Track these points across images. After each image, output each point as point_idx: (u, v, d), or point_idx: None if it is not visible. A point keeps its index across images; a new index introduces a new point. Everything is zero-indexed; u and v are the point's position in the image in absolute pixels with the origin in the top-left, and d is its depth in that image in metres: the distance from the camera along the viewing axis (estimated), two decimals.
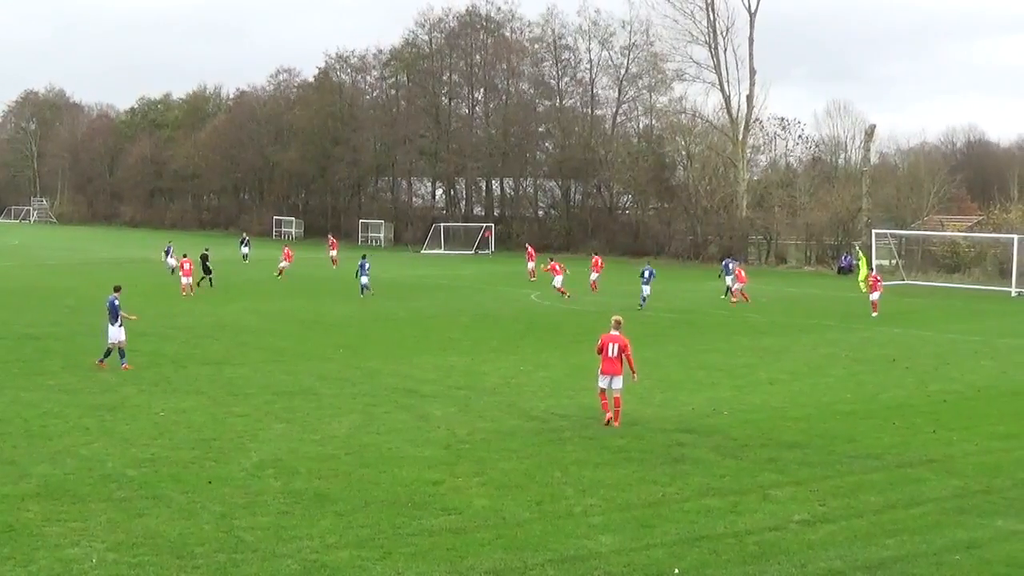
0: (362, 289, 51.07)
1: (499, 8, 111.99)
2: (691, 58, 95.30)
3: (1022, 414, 24.73)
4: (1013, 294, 58.77)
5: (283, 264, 62.57)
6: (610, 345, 22.35)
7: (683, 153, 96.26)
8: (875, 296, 46.13)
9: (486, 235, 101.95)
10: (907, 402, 26.06)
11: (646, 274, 48.84)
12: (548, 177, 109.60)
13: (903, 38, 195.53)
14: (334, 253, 75.05)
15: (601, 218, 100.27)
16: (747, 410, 24.45)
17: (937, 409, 25.08)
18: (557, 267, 53.42)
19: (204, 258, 54.82)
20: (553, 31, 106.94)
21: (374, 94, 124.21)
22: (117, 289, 29.98)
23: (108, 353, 28.77)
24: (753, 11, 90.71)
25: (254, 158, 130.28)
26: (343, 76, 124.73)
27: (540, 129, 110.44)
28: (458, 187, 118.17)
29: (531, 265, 63.85)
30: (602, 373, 22.43)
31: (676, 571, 13.76)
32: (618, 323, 22.91)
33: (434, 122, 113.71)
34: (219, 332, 36.95)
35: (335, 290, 54.54)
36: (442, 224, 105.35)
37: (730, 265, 53.57)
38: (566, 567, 13.89)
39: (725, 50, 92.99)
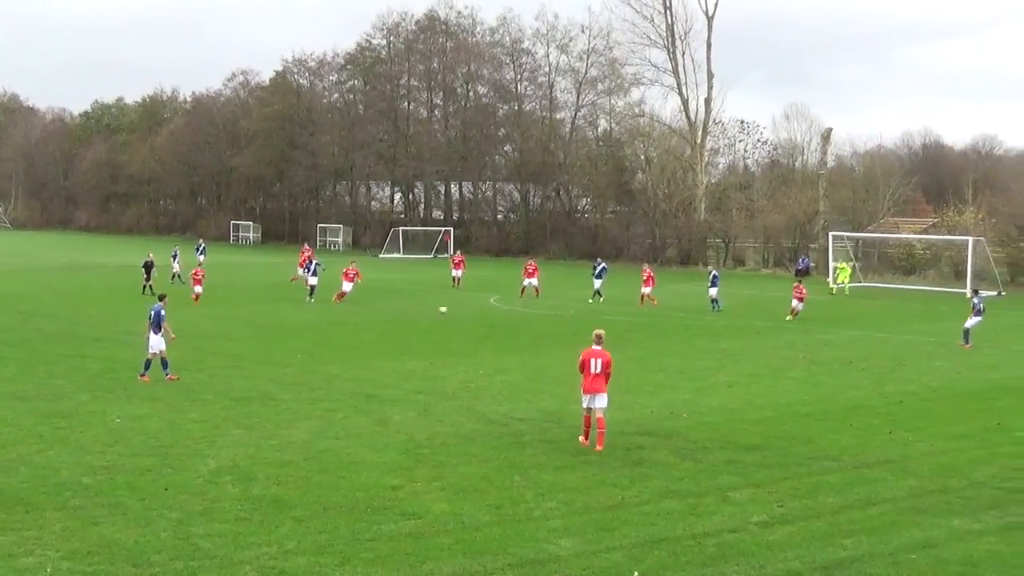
0: (311, 291, 50.86)
1: (459, 12, 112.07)
2: (650, 62, 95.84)
3: (976, 414, 24.97)
4: (968, 296, 59.26)
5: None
6: (593, 361, 20.71)
7: (642, 157, 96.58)
8: (797, 305, 45.12)
9: (445, 239, 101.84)
10: (864, 403, 26.25)
11: (598, 268, 50.33)
12: (507, 181, 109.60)
13: (856, 43, 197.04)
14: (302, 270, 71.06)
15: (560, 222, 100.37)
16: (706, 412, 24.54)
17: (893, 410, 25.29)
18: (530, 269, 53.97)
19: (148, 265, 53.73)
20: (511, 35, 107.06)
21: (332, 97, 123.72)
22: (162, 298, 29.52)
23: (148, 365, 27.92)
24: (711, 15, 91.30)
25: (211, 162, 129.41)
26: (301, 79, 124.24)
27: (499, 133, 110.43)
28: (417, 191, 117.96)
29: (457, 273, 60.78)
30: (585, 392, 20.79)
31: (635, 574, 13.77)
32: (599, 337, 21.08)
33: (392, 126, 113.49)
34: (176, 337, 36.63)
35: (293, 295, 54.26)
36: (401, 228, 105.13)
37: (597, 267, 53.40)
38: (525, 571, 13.87)
39: (683, 54, 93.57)
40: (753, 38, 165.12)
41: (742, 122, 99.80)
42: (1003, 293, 61.21)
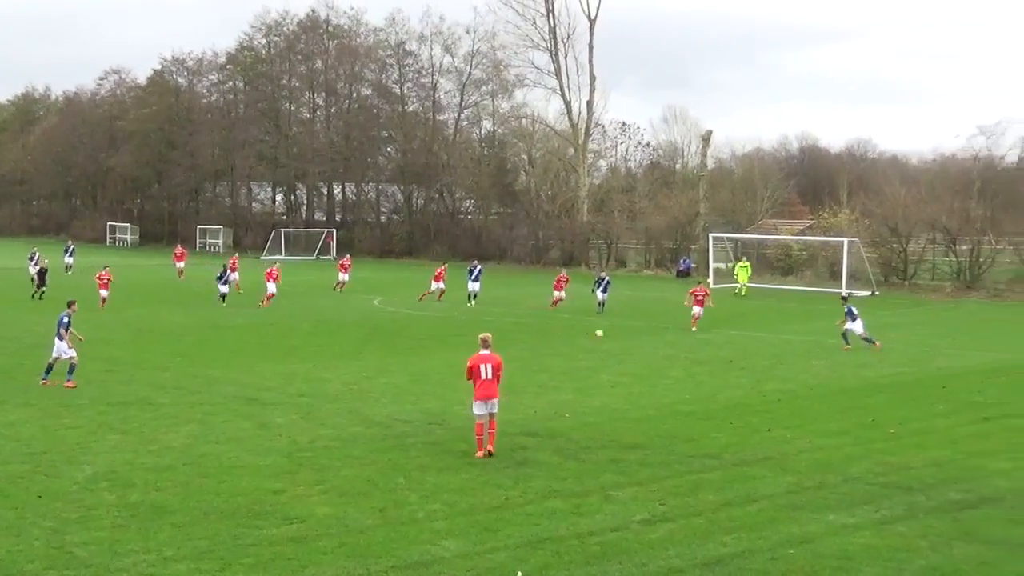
0: (223, 297, 49.84)
1: (344, 12, 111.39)
2: (533, 64, 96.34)
3: (851, 412, 25.54)
4: (843, 295, 60.54)
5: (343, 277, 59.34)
6: (483, 367, 20.02)
7: (525, 158, 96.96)
8: (696, 310, 43.12)
9: (328, 240, 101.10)
10: (743, 402, 26.68)
11: (475, 272, 50.67)
12: (390, 182, 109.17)
13: (733, 47, 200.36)
14: (181, 265, 67.94)
15: (443, 223, 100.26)
16: (589, 412, 24.71)
17: (772, 408, 25.75)
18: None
19: (41, 273, 52.21)
20: (397, 36, 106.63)
21: (212, 97, 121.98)
22: (71, 304, 28.67)
23: (50, 369, 27.23)
24: (593, 18, 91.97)
25: (86, 162, 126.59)
26: (179, 79, 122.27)
27: (382, 134, 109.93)
28: (299, 192, 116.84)
29: (343, 276, 59.46)
30: (477, 399, 19.99)
31: (519, 574, 13.80)
32: (486, 341, 20.50)
33: (274, 126, 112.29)
34: (49, 342, 35.72)
35: (171, 298, 53.42)
36: (283, 229, 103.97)
37: (474, 271, 52.87)
38: (410, 573, 13.82)
39: (566, 56, 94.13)
40: (633, 41, 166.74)
41: (623, 124, 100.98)
42: (876, 293, 62.68)
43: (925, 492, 18.01)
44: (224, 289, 50.08)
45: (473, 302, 51.17)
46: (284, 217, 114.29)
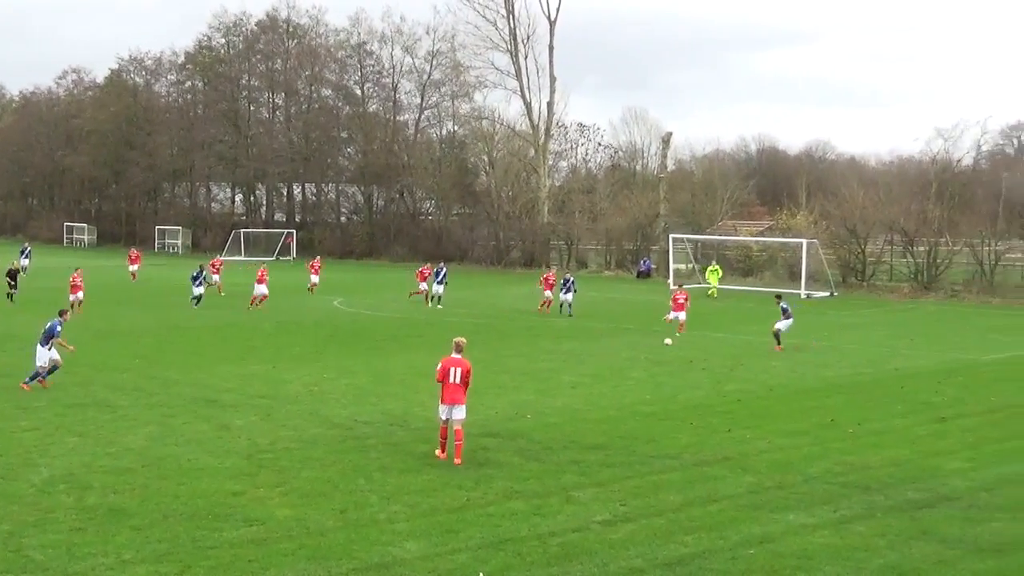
0: (197, 299, 48.99)
1: (305, 11, 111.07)
2: (493, 65, 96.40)
3: (811, 412, 25.70)
4: (802, 296, 61.02)
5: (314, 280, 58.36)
6: (452, 370, 19.79)
7: (485, 159, 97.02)
8: (679, 316, 42.41)
9: (288, 241, 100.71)
10: (704, 402, 26.78)
11: (440, 274, 50.65)
12: (350, 183, 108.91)
13: (691, 48, 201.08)
14: (134, 268, 65.74)
15: (404, 224, 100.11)
16: (550, 413, 24.73)
17: (732, 409, 25.86)
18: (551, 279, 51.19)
19: (11, 273, 50.90)
20: (359, 36, 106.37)
21: (170, 97, 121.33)
22: (62, 313, 28.40)
23: (35, 376, 26.77)
24: (553, 19, 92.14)
25: (43, 162, 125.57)
26: (137, 79, 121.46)
27: (343, 135, 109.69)
28: (258, 192, 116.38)
29: (315, 279, 58.78)
30: (442, 403, 19.84)
31: (481, 575, 13.79)
32: (459, 346, 20.24)
33: (233, 127, 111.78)
34: (5, 343, 35.43)
35: (130, 299, 53.04)
36: (242, 230, 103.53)
37: (440, 272, 52.24)
38: (371, 575, 13.78)
39: (526, 57, 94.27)
40: (591, 42, 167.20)
41: (582, 125, 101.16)
42: (835, 294, 63.15)
43: (883, 491, 18.15)
44: (199, 291, 49.11)
45: (439, 304, 50.99)
46: (243, 218, 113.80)
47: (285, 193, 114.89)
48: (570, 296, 48.41)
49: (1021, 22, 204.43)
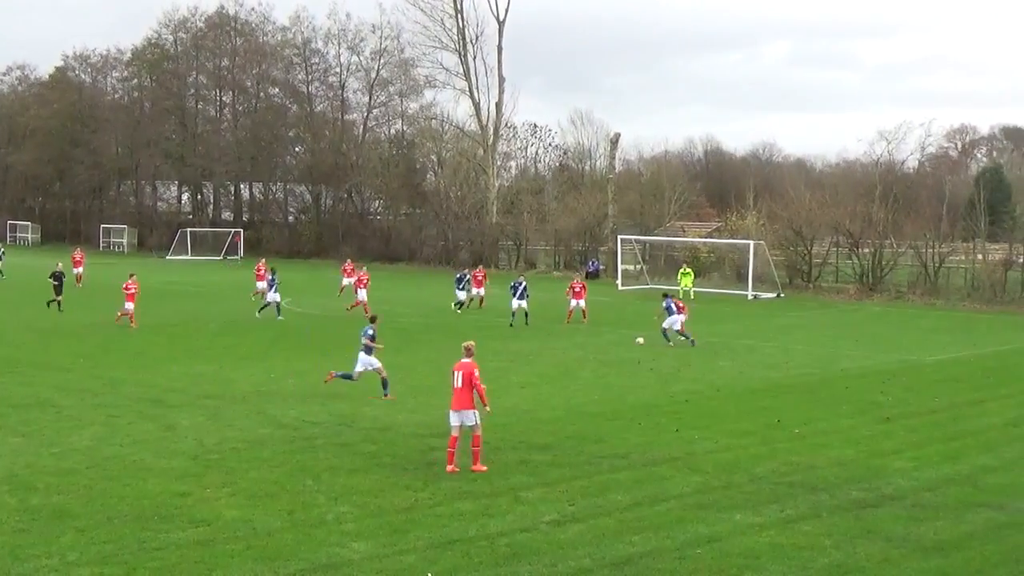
0: (277, 307, 45.01)
1: (252, 10, 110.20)
2: (441, 64, 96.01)
3: (757, 412, 25.87)
4: (749, 297, 61.43)
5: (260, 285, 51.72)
6: (455, 374, 19.55)
7: (434, 159, 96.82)
8: (579, 303, 44.44)
9: (235, 240, 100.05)
10: (652, 402, 26.89)
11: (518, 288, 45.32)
12: (298, 182, 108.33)
13: (632, 51, 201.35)
14: (79, 271, 61.08)
15: (352, 223, 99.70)
16: (499, 413, 24.62)
17: (680, 409, 25.99)
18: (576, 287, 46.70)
19: (56, 275, 48.54)
20: (303, 34, 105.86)
21: (116, 95, 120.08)
22: (373, 319, 28.36)
23: (385, 383, 26.59)
24: (502, 19, 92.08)
25: None
26: (83, 76, 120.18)
27: (290, 134, 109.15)
28: (205, 191, 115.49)
29: (260, 284, 54.01)
30: (451, 409, 19.58)
31: (429, 575, 13.77)
32: (468, 349, 19.88)
33: (180, 125, 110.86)
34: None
35: (75, 298, 52.45)
36: (189, 229, 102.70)
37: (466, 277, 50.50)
38: (319, 575, 13.74)
39: (475, 57, 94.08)
40: (537, 44, 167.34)
41: (534, 126, 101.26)
42: (782, 295, 63.59)
43: (829, 491, 18.31)
44: (275, 297, 45.48)
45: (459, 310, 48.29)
46: (190, 216, 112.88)
47: (232, 192, 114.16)
48: (524, 303, 44.17)
49: (967, 23, 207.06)
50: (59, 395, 25.87)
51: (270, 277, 45.80)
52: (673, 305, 38.86)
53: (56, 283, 46.76)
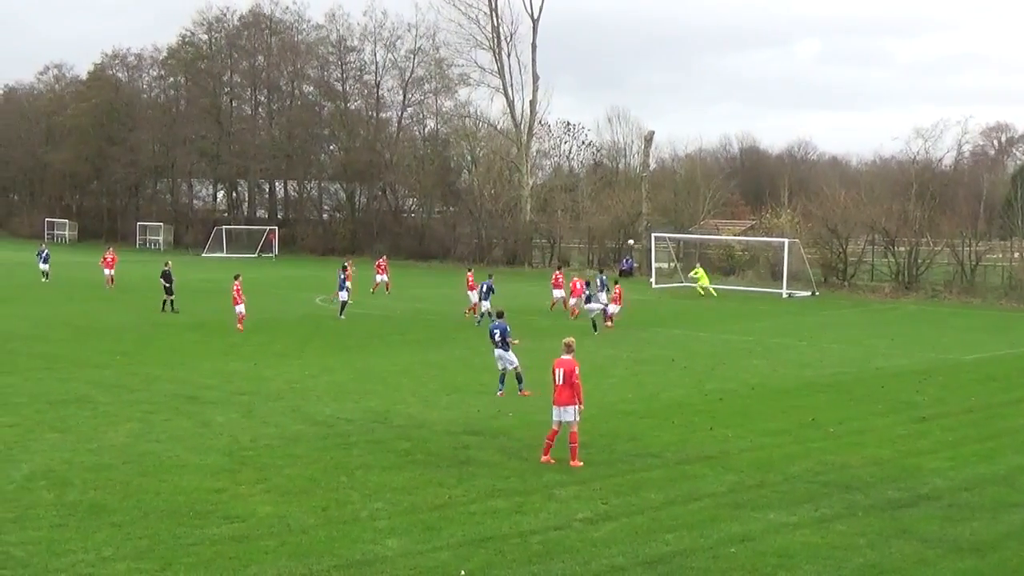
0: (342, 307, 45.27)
1: (286, 8, 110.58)
2: (476, 63, 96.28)
3: (792, 411, 25.74)
4: (784, 295, 61.17)
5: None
6: (556, 371, 19.90)
7: (468, 157, 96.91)
8: (614, 309, 44.03)
9: (270, 238, 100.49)
10: (685, 401, 26.82)
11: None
12: (333, 180, 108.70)
13: (663, 49, 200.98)
14: (110, 272, 58.54)
15: (386, 221, 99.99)
16: (532, 412, 24.71)
17: (713, 407, 25.90)
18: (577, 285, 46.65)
19: (166, 275, 48.36)
20: (338, 32, 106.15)
21: (152, 93, 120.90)
22: (501, 315, 28.60)
23: (520, 379, 27.07)
24: (536, 17, 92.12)
25: (24, 158, 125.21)
26: (119, 74, 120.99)
27: (325, 131, 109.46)
28: (240, 189, 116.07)
29: (380, 278, 57.11)
30: (553, 404, 19.89)
31: (462, 573, 13.79)
32: (568, 346, 20.26)
33: (215, 123, 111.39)
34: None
35: (111, 296, 52.84)
36: (224, 227, 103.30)
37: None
38: (352, 572, 13.77)
39: (509, 55, 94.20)
40: (571, 42, 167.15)
41: (568, 124, 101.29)
42: (816, 293, 63.27)
43: (864, 491, 18.20)
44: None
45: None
46: (226, 214, 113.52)
47: (267, 190, 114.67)
48: (487, 304, 42.76)
49: (997, 21, 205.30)
50: (96, 391, 26.06)
51: (484, 286, 43.54)
52: (592, 296, 41.64)
53: (167, 284, 45.90)
